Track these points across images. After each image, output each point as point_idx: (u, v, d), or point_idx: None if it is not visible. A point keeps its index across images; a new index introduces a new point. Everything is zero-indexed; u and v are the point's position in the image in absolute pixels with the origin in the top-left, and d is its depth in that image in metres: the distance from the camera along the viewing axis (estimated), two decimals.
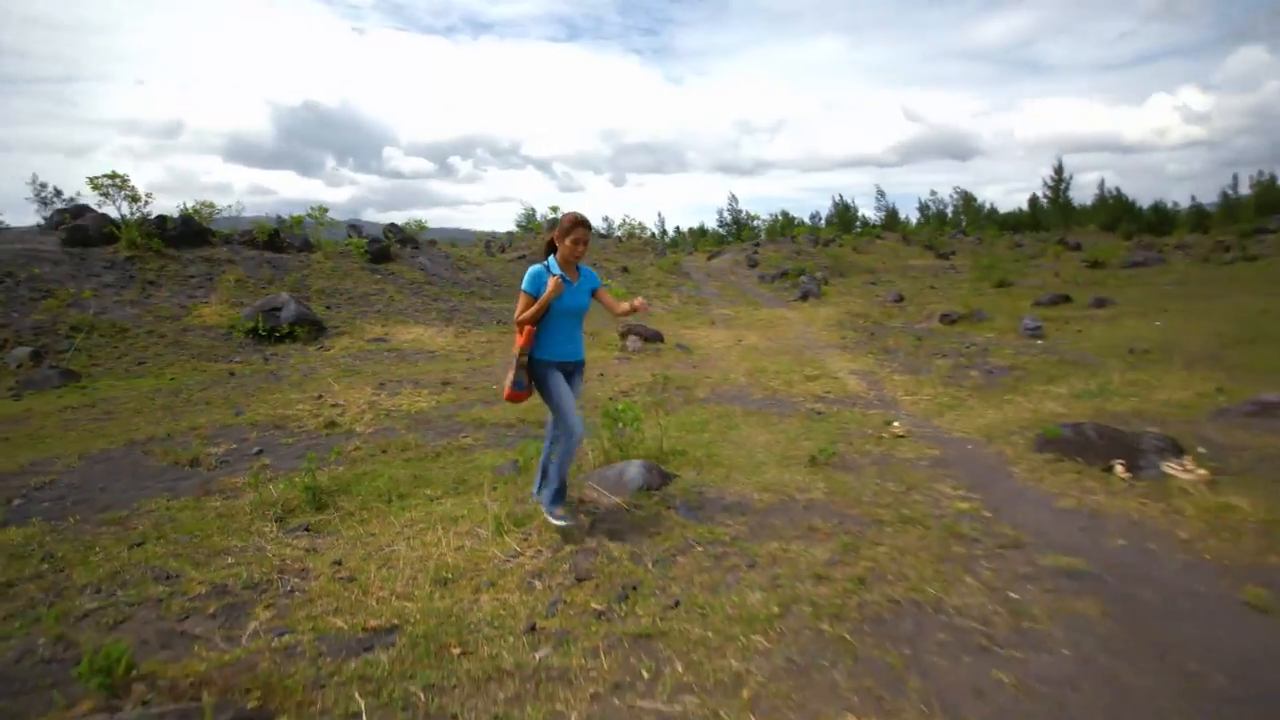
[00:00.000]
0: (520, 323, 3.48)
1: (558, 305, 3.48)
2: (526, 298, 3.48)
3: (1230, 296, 16.59)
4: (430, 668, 2.33)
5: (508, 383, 3.54)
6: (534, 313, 3.42)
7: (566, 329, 3.61)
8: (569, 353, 3.63)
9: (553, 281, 3.41)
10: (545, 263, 3.59)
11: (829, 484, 4.30)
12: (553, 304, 3.44)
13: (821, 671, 2.22)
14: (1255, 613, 2.54)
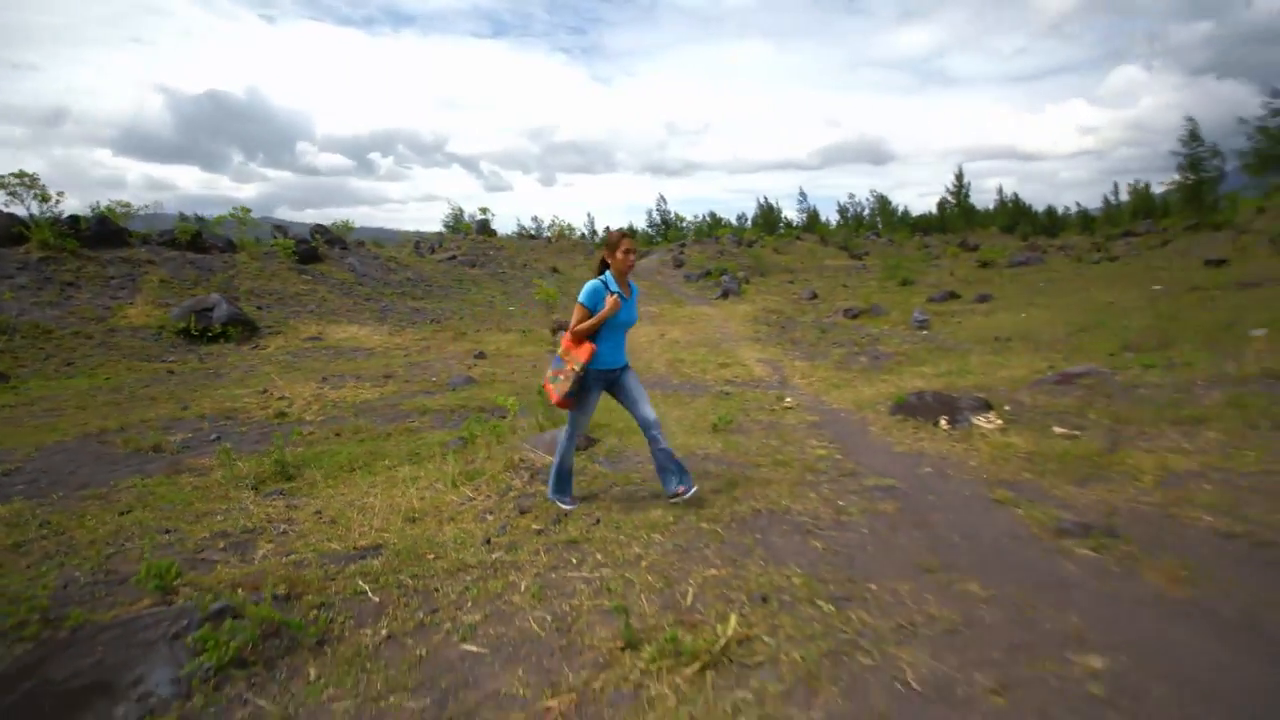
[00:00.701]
0: (578, 335, 3.63)
1: (613, 319, 3.64)
2: (583, 310, 3.64)
3: (1088, 291, 18.99)
4: (413, 566, 3.12)
5: (560, 391, 3.68)
6: (591, 326, 3.60)
7: (616, 340, 3.79)
8: (616, 360, 3.80)
9: (611, 300, 3.59)
10: (603, 278, 3.74)
11: (725, 443, 5.31)
12: (609, 318, 3.61)
13: (697, 550, 3.17)
14: (997, 505, 3.68)
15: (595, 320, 3.59)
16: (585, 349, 3.62)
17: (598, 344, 3.64)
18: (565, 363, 3.66)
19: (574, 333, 3.64)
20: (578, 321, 3.64)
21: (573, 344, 3.68)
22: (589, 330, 3.61)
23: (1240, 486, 3.64)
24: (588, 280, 3.80)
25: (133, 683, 2.22)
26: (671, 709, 1.94)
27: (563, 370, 3.66)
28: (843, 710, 1.91)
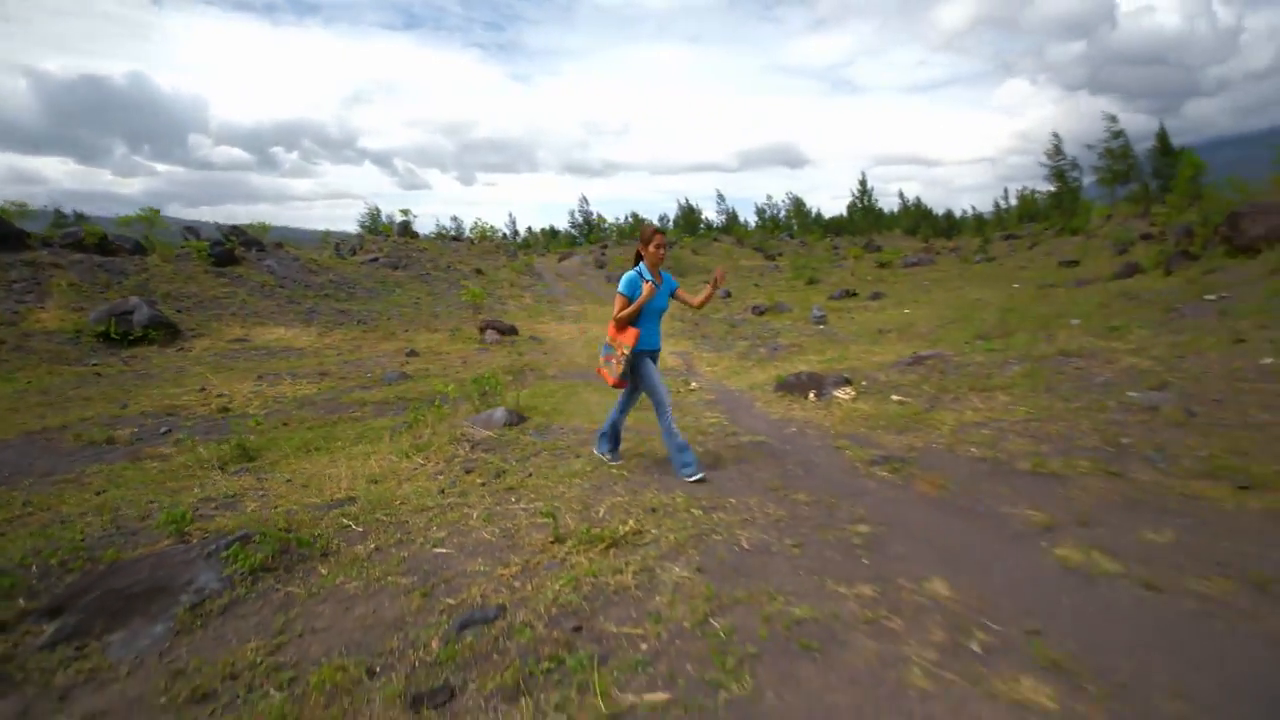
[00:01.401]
0: (621, 321, 4.10)
1: (649, 305, 4.11)
2: (623, 299, 4.10)
3: (963, 289, 21.38)
4: (383, 509, 3.95)
5: (614, 374, 4.17)
6: (632, 312, 4.05)
7: (653, 324, 4.24)
8: (655, 343, 4.28)
9: (648, 287, 4.07)
10: (638, 269, 4.23)
11: (635, 418, 6.32)
12: (645, 304, 4.09)
13: (608, 487, 4.15)
14: (835, 450, 4.88)
15: (635, 306, 4.03)
16: (631, 334, 4.09)
17: (640, 328, 4.09)
18: (615, 348, 4.14)
19: (617, 320, 4.09)
20: (620, 309, 4.08)
21: (616, 331, 4.14)
22: (631, 316, 4.04)
23: (1006, 431, 4.99)
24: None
25: (186, 584, 2.97)
26: (585, 568, 2.91)
27: (613, 355, 4.13)
28: (697, 561, 2.95)
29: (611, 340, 4.20)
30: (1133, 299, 11.42)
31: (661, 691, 2.04)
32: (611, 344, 4.19)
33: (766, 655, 2.18)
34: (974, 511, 3.54)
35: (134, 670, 2.48)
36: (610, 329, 4.22)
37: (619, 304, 4.12)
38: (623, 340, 4.10)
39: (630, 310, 4.04)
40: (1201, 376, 5.48)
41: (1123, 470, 3.95)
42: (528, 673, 2.18)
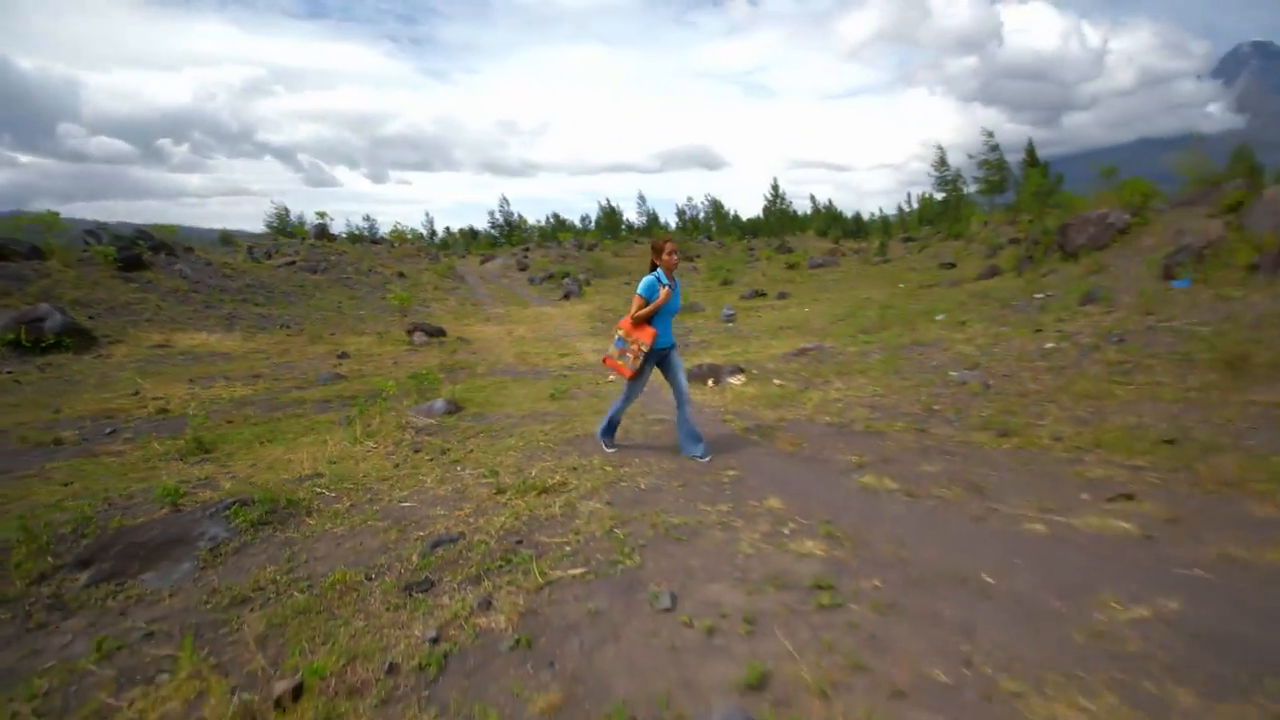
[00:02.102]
0: (639, 320, 4.50)
1: (665, 306, 4.58)
2: (641, 300, 4.52)
3: (859, 289, 23.48)
4: (349, 481, 4.73)
5: (631, 366, 4.56)
6: (650, 312, 4.47)
7: (667, 324, 4.69)
8: (667, 341, 4.72)
9: (664, 291, 4.54)
10: (656, 274, 4.64)
11: (560, 405, 7.29)
12: (662, 306, 4.55)
13: (538, 455, 5.10)
14: (723, 423, 6.03)
15: (653, 307, 4.44)
16: (648, 332, 4.49)
17: (655, 327, 4.49)
18: (628, 343, 4.53)
19: (634, 318, 4.48)
20: (637, 309, 4.48)
21: (633, 328, 4.51)
22: (648, 315, 4.45)
23: (854, 404, 6.30)
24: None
25: (199, 535, 3.71)
26: (522, 507, 3.86)
27: (628, 350, 4.52)
28: (607, 498, 3.96)
29: (626, 335, 4.55)
30: (985, 297, 13.36)
31: (580, 568, 3.05)
32: (625, 339, 4.56)
33: (650, 545, 3.22)
34: (814, 459, 4.74)
35: (175, 593, 3.24)
36: (625, 325, 4.57)
37: (637, 304, 4.52)
38: (640, 337, 4.49)
39: (648, 310, 4.46)
40: (1003, 359, 7.01)
41: (927, 428, 5.28)
42: (485, 568, 3.13)
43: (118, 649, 2.73)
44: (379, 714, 2.20)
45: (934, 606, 2.45)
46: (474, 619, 2.71)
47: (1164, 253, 9.47)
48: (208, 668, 2.54)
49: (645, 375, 4.74)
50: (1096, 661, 2.04)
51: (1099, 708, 1.80)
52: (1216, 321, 6.14)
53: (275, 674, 2.47)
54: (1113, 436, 4.53)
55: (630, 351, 4.51)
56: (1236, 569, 2.69)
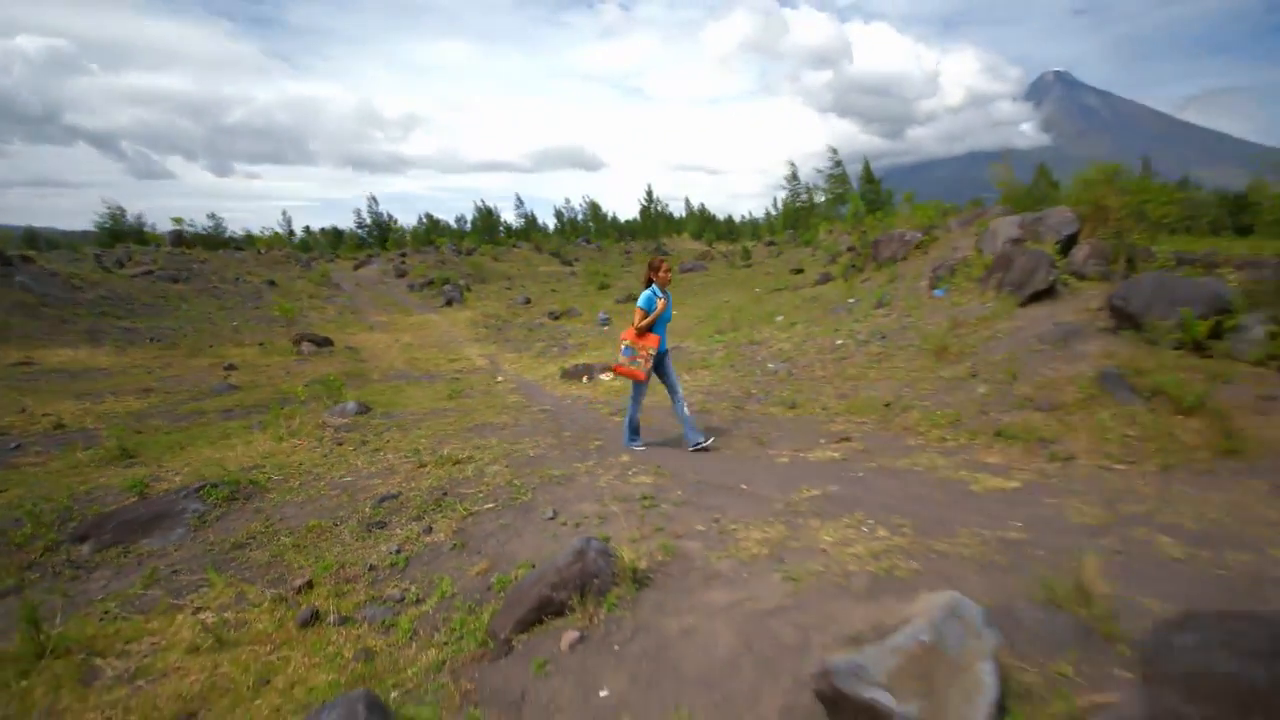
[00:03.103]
0: (642, 330, 5.32)
1: (661, 316, 5.42)
2: (642, 312, 5.33)
3: (721, 293, 26.05)
4: (288, 468, 5.81)
5: (643, 370, 5.34)
6: (650, 322, 5.31)
7: (663, 331, 5.52)
8: (664, 346, 5.53)
9: (661, 302, 5.40)
10: (653, 290, 5.45)
11: (457, 404, 8.56)
12: (660, 316, 5.40)
13: (446, 440, 6.42)
14: (594, 410, 7.62)
15: (653, 318, 5.29)
16: (653, 339, 5.32)
17: (655, 334, 5.37)
18: (637, 350, 5.34)
19: (638, 329, 5.32)
20: (639, 320, 5.34)
21: (638, 337, 5.34)
22: (649, 325, 5.29)
23: (695, 391, 8.12)
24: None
25: (181, 510, 4.73)
26: (442, 474, 5.22)
27: (637, 356, 5.32)
28: (505, 464, 5.40)
29: (633, 344, 5.34)
30: (815, 301, 15.98)
31: (491, 504, 4.50)
32: (633, 347, 5.34)
33: (539, 487, 4.74)
34: (659, 431, 6.45)
35: (179, 547, 4.32)
36: (630, 335, 5.39)
37: (638, 316, 5.35)
38: (646, 344, 5.31)
39: (649, 320, 5.29)
40: (806, 353, 9.17)
41: (742, 405, 7.19)
42: (423, 510, 4.50)
43: (156, 580, 3.84)
44: (371, 589, 3.56)
45: (708, 501, 4.17)
46: (422, 538, 4.10)
47: (934, 266, 12.26)
48: (236, 580, 3.75)
49: (670, 371, 5.61)
50: (781, 514, 3.81)
51: (771, 534, 3.53)
52: (942, 321, 8.58)
53: (290, 576, 3.73)
54: (857, 405, 6.62)
55: (640, 357, 5.30)
56: (883, 472, 4.65)
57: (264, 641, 3.11)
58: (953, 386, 6.44)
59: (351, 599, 3.45)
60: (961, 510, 3.77)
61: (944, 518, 3.63)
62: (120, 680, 2.90)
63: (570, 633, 2.68)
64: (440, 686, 2.56)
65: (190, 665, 2.95)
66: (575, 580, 2.87)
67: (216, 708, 2.66)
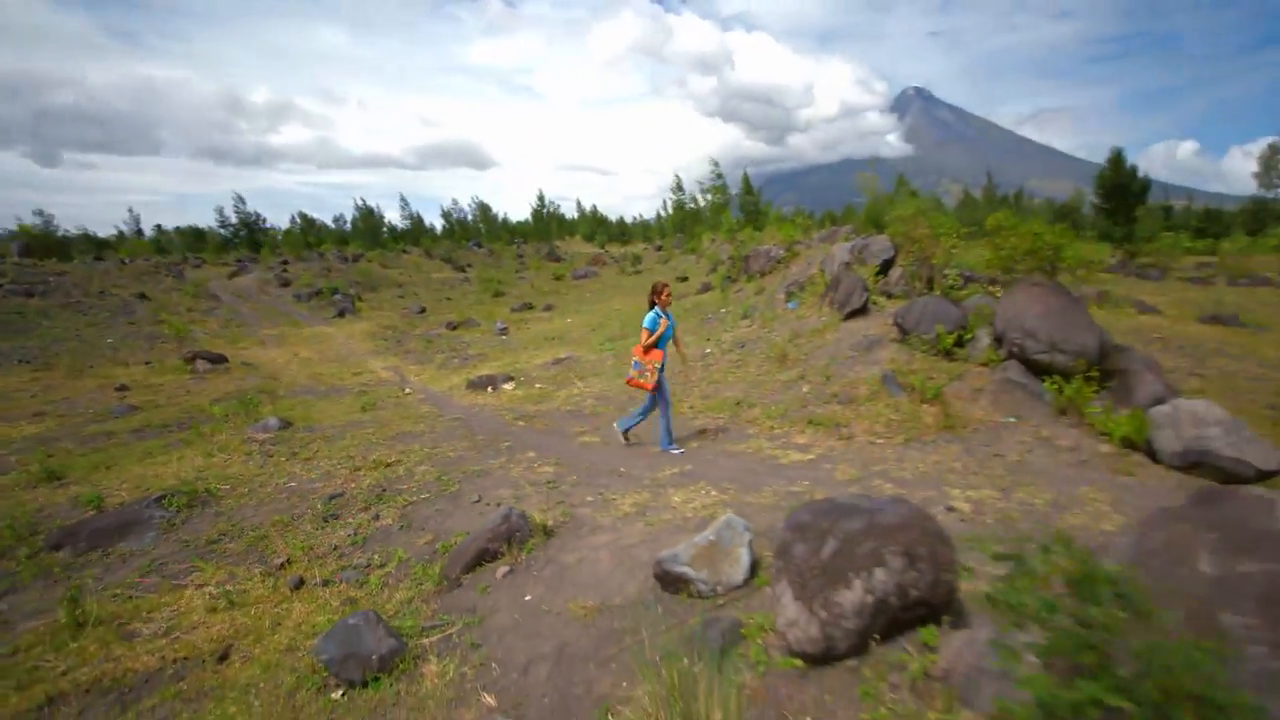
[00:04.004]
0: (648, 346, 6.23)
1: (664, 335, 6.34)
2: (647, 332, 6.26)
3: (612, 300, 27.64)
4: (229, 479, 6.61)
5: (651, 382, 6.21)
6: (655, 339, 6.22)
7: (664, 348, 6.41)
8: (665, 362, 6.45)
9: (664, 322, 6.33)
10: (656, 311, 6.37)
11: (372, 415, 9.45)
12: (663, 334, 6.33)
13: (374, 448, 7.42)
14: (499, 416, 8.84)
15: (656, 336, 6.24)
16: (658, 354, 6.26)
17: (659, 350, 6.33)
18: (644, 365, 6.25)
19: (645, 346, 6.26)
20: (646, 338, 6.26)
21: (644, 353, 6.27)
22: (654, 342, 6.25)
23: (588, 397, 9.52)
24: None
25: (148, 517, 5.51)
26: (378, 475, 6.29)
27: (645, 369, 6.24)
28: (430, 464, 6.55)
29: (641, 359, 6.30)
30: (696, 310, 17.88)
31: (426, 495, 5.67)
32: (641, 362, 6.30)
33: (463, 480, 5.95)
34: (558, 432, 7.81)
35: (156, 546, 5.16)
36: (638, 352, 6.35)
37: (645, 335, 6.29)
38: (653, 359, 6.28)
39: (654, 338, 6.27)
40: (628, 361, 10.82)
41: (626, 408, 8.67)
42: (368, 503, 5.60)
43: (150, 570, 4.73)
44: (340, 561, 4.67)
45: (596, 482, 5.58)
46: (372, 523, 5.22)
47: (789, 282, 14.41)
48: (224, 565, 4.72)
49: (664, 384, 6.45)
50: (648, 487, 5.28)
51: (639, 500, 4.99)
52: (787, 332, 10.52)
53: (269, 557, 4.75)
54: (715, 404, 8.30)
55: (649, 370, 6.24)
56: (725, 454, 6.27)
57: (266, 601, 4.17)
58: (787, 387, 8.27)
59: (327, 568, 4.55)
60: (771, 476, 5.44)
61: (758, 482, 5.27)
62: (157, 635, 3.88)
63: (502, 568, 4.01)
64: (415, 610, 3.80)
65: (212, 620, 3.98)
66: (503, 535, 4.19)
67: (244, 643, 3.74)
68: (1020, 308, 6.58)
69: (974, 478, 5.12)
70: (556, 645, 3.18)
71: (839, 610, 2.36)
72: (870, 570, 2.36)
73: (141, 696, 3.34)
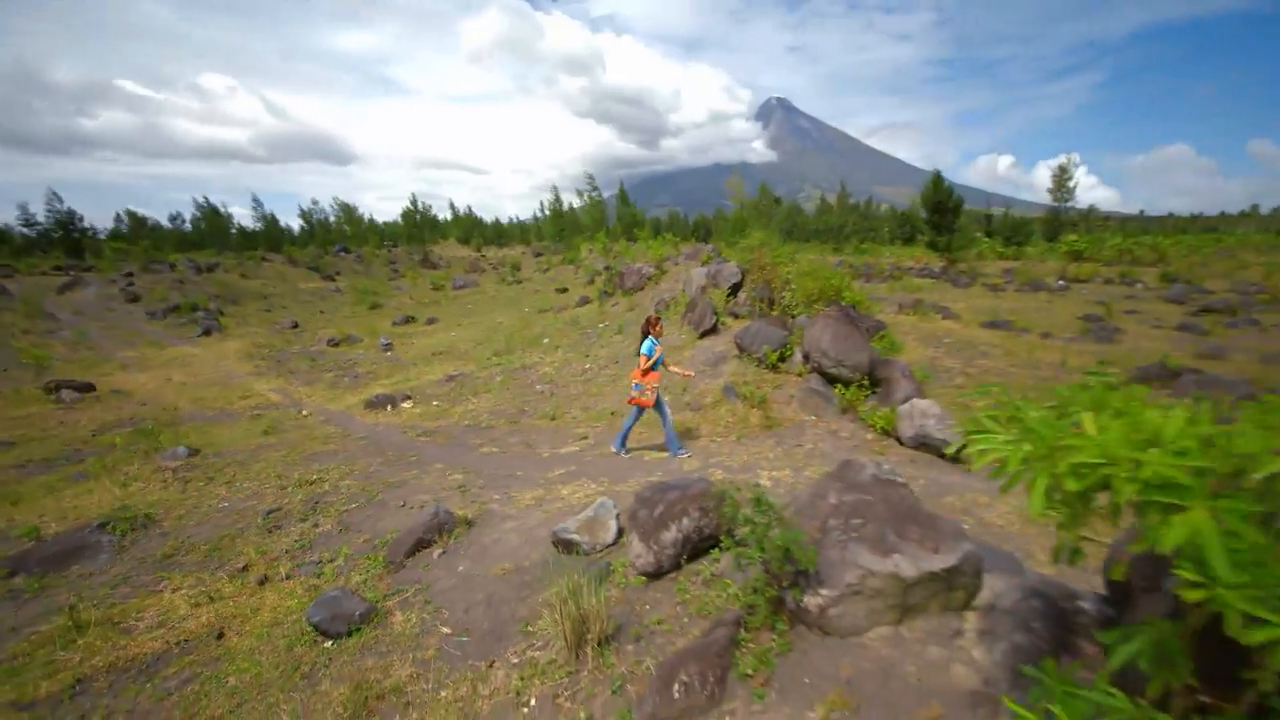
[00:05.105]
0: (646, 370, 7.34)
1: (659, 360, 7.48)
2: (646, 358, 7.34)
3: (493, 313, 28.51)
4: (161, 504, 7.29)
5: (650, 400, 7.39)
6: (652, 363, 7.33)
7: (659, 369, 7.57)
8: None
9: (660, 349, 7.51)
10: (652, 340, 7.49)
11: (278, 438, 10.15)
12: (658, 360, 7.46)
13: (293, 468, 8.30)
14: (404, 434, 9.92)
15: (652, 360, 7.39)
16: (656, 376, 7.46)
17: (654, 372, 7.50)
18: (644, 386, 7.41)
19: (644, 370, 7.38)
20: (645, 363, 7.37)
21: (643, 375, 7.40)
22: (651, 365, 7.38)
23: (482, 412, 10.81)
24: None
25: (96, 541, 6.20)
26: (305, 491, 7.29)
27: (645, 390, 7.42)
28: (353, 478, 7.63)
29: (641, 382, 7.46)
30: (574, 324, 19.44)
31: (356, 504, 6.81)
32: (642, 384, 7.46)
33: (384, 489, 7.14)
34: (461, 445, 9.08)
35: (113, 565, 5.94)
36: (638, 375, 7.48)
37: (643, 361, 7.43)
38: (653, 379, 7.47)
39: (652, 362, 7.42)
40: (565, 375, 12.37)
41: (518, 420, 10.08)
42: (304, 515, 6.66)
43: (121, 583, 5.57)
44: (293, 561, 5.77)
45: (500, 484, 7.01)
46: (313, 530, 6.32)
47: (657, 300, 16.37)
48: (188, 574, 5.66)
49: (661, 401, 7.65)
50: (542, 485, 6.79)
51: (536, 495, 6.50)
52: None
53: (229, 563, 5.75)
54: (594, 415, 9.92)
55: (649, 391, 7.49)
56: (603, 457, 7.90)
57: (240, 595, 5.24)
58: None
59: (284, 567, 5.65)
60: (636, 471, 7.14)
61: (626, 475, 6.95)
62: (153, 627, 4.87)
63: (437, 550, 5.38)
64: (371, 586, 5.08)
65: (198, 612, 5.01)
66: (435, 527, 5.55)
67: (233, 624, 4.84)
68: (818, 333, 8.78)
69: (780, 462, 7.11)
70: (486, 594, 4.64)
71: (663, 544, 4.05)
72: (680, 520, 4.07)
73: (160, 668, 4.40)
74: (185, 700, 4.00)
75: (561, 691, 3.40)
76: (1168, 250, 45.58)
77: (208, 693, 4.05)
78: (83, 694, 4.20)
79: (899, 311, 21.62)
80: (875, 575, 3.13)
